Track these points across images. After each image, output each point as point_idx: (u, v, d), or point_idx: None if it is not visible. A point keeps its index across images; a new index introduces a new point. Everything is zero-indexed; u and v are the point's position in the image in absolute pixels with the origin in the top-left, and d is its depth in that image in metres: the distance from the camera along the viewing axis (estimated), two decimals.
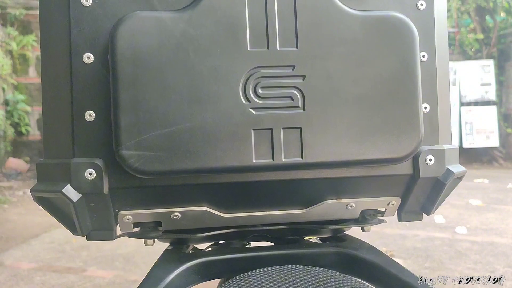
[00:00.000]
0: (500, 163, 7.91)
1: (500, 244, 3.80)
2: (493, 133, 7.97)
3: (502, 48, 8.21)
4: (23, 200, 5.80)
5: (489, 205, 5.13)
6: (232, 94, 0.58)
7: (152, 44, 0.56)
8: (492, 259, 3.40)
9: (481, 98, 8.05)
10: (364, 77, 0.60)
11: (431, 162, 0.65)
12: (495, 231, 4.15)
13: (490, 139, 7.95)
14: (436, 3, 0.66)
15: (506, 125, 8.10)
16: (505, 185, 6.17)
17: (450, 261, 3.31)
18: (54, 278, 3.16)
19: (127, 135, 0.55)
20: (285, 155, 0.59)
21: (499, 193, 5.77)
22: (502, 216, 4.65)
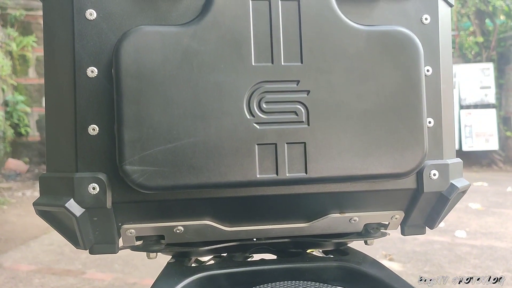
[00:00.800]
0: (499, 166, 7.92)
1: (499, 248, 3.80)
2: (492, 136, 7.97)
3: (501, 51, 8.22)
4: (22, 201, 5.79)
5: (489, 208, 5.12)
6: (236, 109, 0.58)
7: (156, 58, 0.56)
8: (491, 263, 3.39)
9: (481, 101, 8.05)
10: (368, 92, 0.60)
11: (435, 177, 0.65)
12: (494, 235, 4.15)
13: (489, 142, 7.96)
14: (441, 17, 0.66)
15: (505, 128, 8.11)
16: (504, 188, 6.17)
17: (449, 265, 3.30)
18: (53, 281, 3.15)
19: (130, 150, 0.55)
20: (289, 170, 0.59)
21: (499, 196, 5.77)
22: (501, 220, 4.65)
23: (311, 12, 0.60)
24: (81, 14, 0.59)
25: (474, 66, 8.07)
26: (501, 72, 8.19)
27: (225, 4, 0.58)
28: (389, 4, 0.65)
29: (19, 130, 7.31)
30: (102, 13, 0.59)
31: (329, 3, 0.61)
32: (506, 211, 5.00)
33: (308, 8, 0.60)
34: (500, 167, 7.91)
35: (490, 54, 8.18)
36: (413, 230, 0.71)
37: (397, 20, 0.65)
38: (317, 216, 0.67)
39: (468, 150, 7.95)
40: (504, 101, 8.20)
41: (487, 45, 8.22)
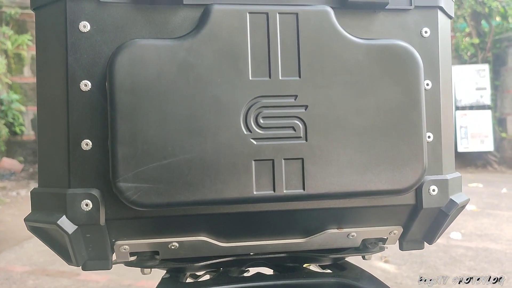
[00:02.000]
0: (494, 167, 7.94)
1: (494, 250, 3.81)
2: (487, 137, 7.99)
3: (497, 52, 8.23)
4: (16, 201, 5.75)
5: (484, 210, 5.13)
6: (233, 124, 0.56)
7: (152, 73, 0.55)
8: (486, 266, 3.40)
9: (476, 103, 8.07)
10: (367, 107, 0.59)
11: (434, 193, 0.64)
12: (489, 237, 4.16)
13: (484, 143, 7.97)
14: (441, 30, 0.65)
15: (500, 129, 8.13)
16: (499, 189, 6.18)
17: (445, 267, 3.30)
18: (47, 282, 3.13)
19: (124, 167, 0.54)
20: (287, 186, 0.58)
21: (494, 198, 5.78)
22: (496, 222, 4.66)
23: (310, 26, 0.59)
24: (74, 26, 0.57)
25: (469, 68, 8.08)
26: (496, 74, 8.21)
27: (222, 16, 0.57)
28: (388, 17, 0.64)
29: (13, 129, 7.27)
30: (96, 26, 0.58)
31: (328, 16, 0.59)
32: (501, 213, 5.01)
33: (307, 21, 0.59)
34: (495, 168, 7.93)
35: (485, 55, 8.20)
36: (412, 245, 0.70)
37: (397, 33, 0.64)
38: (314, 231, 0.66)
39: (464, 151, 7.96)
40: (500, 103, 8.23)
41: (483, 46, 8.23)
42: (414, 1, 0.64)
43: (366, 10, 0.63)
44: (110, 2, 0.58)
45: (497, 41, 8.21)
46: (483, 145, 7.98)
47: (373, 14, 0.63)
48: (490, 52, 8.20)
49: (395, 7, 0.63)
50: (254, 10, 0.58)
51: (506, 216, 4.86)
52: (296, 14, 0.59)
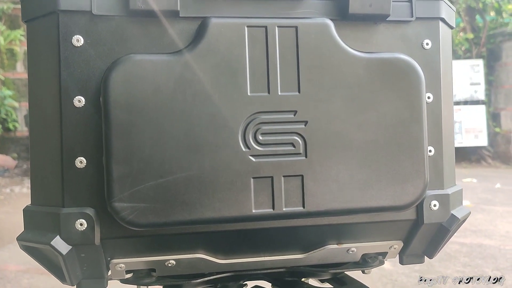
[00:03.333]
0: (488, 162, 7.97)
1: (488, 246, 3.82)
2: (481, 132, 8.01)
3: (491, 47, 8.24)
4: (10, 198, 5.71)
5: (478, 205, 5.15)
6: (231, 141, 0.55)
7: (147, 89, 0.54)
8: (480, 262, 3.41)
9: (470, 98, 8.08)
10: (368, 122, 0.58)
11: (435, 208, 0.63)
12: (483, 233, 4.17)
13: (478, 138, 8.00)
14: (442, 41, 0.64)
15: (494, 124, 8.15)
16: (493, 185, 6.21)
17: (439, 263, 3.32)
18: (41, 281, 3.12)
19: (120, 186, 0.53)
20: (286, 204, 0.57)
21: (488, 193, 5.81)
22: (490, 217, 4.68)
23: (310, 39, 0.58)
24: (67, 40, 0.56)
25: (464, 63, 8.09)
26: (490, 69, 8.22)
27: (219, 30, 0.56)
28: (389, 29, 0.63)
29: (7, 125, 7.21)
30: (90, 40, 0.56)
31: (328, 29, 0.58)
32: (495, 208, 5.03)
33: (307, 34, 0.57)
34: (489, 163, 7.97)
35: (480, 50, 8.20)
36: (412, 259, 0.69)
37: (398, 45, 0.62)
38: (314, 247, 0.65)
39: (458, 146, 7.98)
40: (494, 98, 8.25)
41: (477, 41, 8.24)
42: (415, 12, 0.63)
43: (367, 22, 0.62)
44: (104, 15, 0.56)
45: (491, 36, 8.22)
46: (477, 140, 8.01)
47: (373, 26, 0.62)
48: (485, 47, 8.21)
49: (396, 19, 0.62)
50: (252, 23, 0.56)
51: (500, 212, 4.88)
52: (295, 27, 0.57)
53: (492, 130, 8.13)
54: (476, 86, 8.09)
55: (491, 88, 8.24)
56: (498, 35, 8.12)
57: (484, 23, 8.20)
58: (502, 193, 5.74)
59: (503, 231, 4.20)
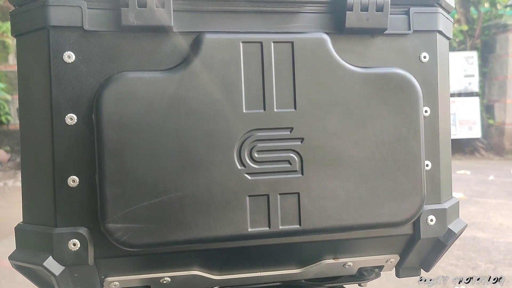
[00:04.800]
0: (481, 154, 8.01)
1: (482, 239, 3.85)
2: (475, 124, 8.05)
3: (486, 39, 8.25)
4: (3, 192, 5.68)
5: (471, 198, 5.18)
6: (226, 159, 0.54)
7: (141, 107, 0.53)
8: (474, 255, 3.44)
9: (465, 90, 8.10)
10: (365, 138, 0.57)
11: (432, 223, 0.63)
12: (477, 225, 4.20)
13: (472, 130, 8.03)
14: (439, 54, 0.64)
15: (488, 116, 8.19)
16: (486, 177, 6.24)
17: None
18: None
19: (113, 207, 0.52)
20: (282, 222, 0.56)
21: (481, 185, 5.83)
22: (484, 210, 4.70)
23: (306, 55, 0.57)
24: (58, 56, 0.54)
25: (458, 55, 8.09)
26: (484, 61, 8.24)
27: (214, 46, 0.55)
28: (386, 42, 0.62)
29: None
30: (82, 56, 0.55)
31: (325, 44, 0.57)
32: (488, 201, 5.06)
33: (303, 50, 0.57)
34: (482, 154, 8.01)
35: (474, 42, 8.21)
36: (408, 272, 0.69)
37: (395, 59, 0.62)
38: (310, 262, 0.64)
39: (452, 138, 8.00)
40: (487, 89, 8.27)
41: (472, 33, 8.24)
42: (412, 25, 0.62)
43: (364, 35, 0.61)
44: (96, 30, 0.55)
45: (486, 28, 8.22)
46: (471, 132, 8.04)
47: (370, 39, 0.61)
48: (479, 39, 8.21)
49: (394, 32, 0.61)
50: (247, 39, 0.55)
51: (493, 204, 4.91)
52: (291, 42, 0.56)
53: (485, 122, 8.16)
54: (470, 78, 8.10)
55: (485, 80, 8.26)
56: (493, 27, 8.12)
57: (478, 15, 8.20)
58: (495, 185, 5.77)
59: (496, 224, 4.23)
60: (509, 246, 3.62)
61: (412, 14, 0.62)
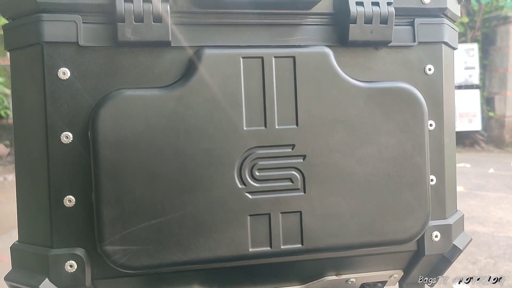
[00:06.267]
0: (481, 146, 8.00)
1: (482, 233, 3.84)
2: (475, 116, 8.03)
3: (486, 32, 8.20)
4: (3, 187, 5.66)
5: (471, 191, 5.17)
6: (226, 178, 0.53)
7: (138, 126, 0.51)
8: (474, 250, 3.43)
9: (465, 82, 8.07)
10: (369, 155, 0.56)
11: (436, 239, 0.62)
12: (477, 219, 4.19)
13: (472, 122, 8.02)
14: (445, 66, 0.62)
15: (488, 108, 8.16)
16: (486, 170, 6.23)
17: None
18: None
19: (111, 229, 0.51)
20: (284, 241, 0.55)
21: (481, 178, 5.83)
22: (483, 203, 4.70)
23: (308, 69, 0.55)
24: (53, 73, 0.53)
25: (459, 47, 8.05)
26: (485, 53, 8.20)
27: (213, 62, 0.53)
28: (390, 54, 0.60)
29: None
30: (77, 72, 0.53)
31: (327, 58, 0.56)
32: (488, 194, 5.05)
33: (305, 65, 0.55)
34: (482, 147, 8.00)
35: (475, 34, 8.16)
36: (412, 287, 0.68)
37: (399, 71, 0.60)
38: (312, 279, 0.63)
39: None
40: (488, 82, 8.24)
41: (472, 25, 8.20)
42: (417, 37, 0.60)
43: (367, 48, 0.59)
44: (92, 46, 0.53)
45: (486, 20, 8.17)
46: (471, 125, 8.02)
47: (374, 52, 0.60)
48: (479, 31, 8.16)
49: (398, 44, 0.60)
50: (248, 54, 0.54)
51: (493, 198, 4.90)
52: (293, 57, 0.55)
53: (486, 114, 8.14)
54: (471, 71, 8.07)
55: (486, 73, 8.23)
56: (493, 19, 8.07)
57: (479, 7, 8.15)
58: (495, 179, 5.77)
59: (496, 218, 4.22)
60: (509, 240, 3.62)
61: (417, 25, 0.60)
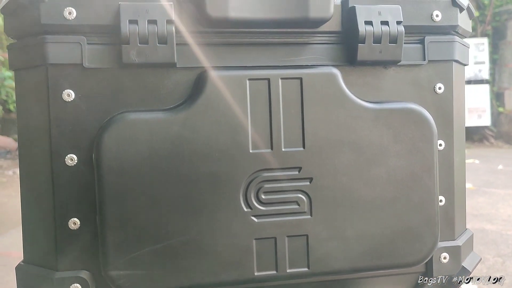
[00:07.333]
0: (491, 142, 7.94)
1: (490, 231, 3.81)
2: (485, 112, 7.96)
3: (496, 26, 8.11)
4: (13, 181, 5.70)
5: (480, 188, 5.13)
6: (232, 202, 0.53)
7: (143, 150, 0.51)
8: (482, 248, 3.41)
9: (474, 77, 7.99)
10: (377, 177, 0.55)
11: (445, 260, 0.61)
12: (485, 217, 4.16)
13: (482, 118, 7.95)
14: (455, 84, 0.61)
15: (498, 104, 8.09)
16: (495, 166, 6.19)
17: None
18: None
19: (115, 253, 0.50)
20: (290, 265, 0.54)
21: (490, 175, 5.78)
22: (492, 200, 4.66)
23: (315, 91, 0.54)
24: (57, 95, 0.52)
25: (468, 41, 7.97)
26: (495, 47, 8.11)
27: (219, 84, 0.52)
28: (400, 73, 0.59)
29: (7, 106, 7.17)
30: (81, 94, 0.53)
31: (335, 79, 0.55)
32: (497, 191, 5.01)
33: (312, 86, 0.54)
34: (491, 142, 7.94)
35: (485, 28, 8.08)
36: None
37: (408, 91, 0.59)
38: None
39: None
40: (498, 77, 8.16)
41: (482, 19, 8.10)
42: (427, 55, 0.59)
43: (376, 67, 0.58)
44: (96, 68, 0.53)
45: (497, 14, 8.07)
46: (481, 120, 7.96)
47: (383, 71, 0.59)
48: (490, 25, 8.07)
49: (407, 63, 0.59)
50: (254, 76, 0.53)
51: (501, 195, 4.87)
52: (300, 78, 0.54)
53: (495, 109, 8.07)
54: (481, 65, 7.98)
55: (496, 67, 8.15)
56: (504, 12, 7.98)
57: (489, 1, 8.05)
58: (504, 175, 5.72)
59: (505, 215, 4.19)
60: None
61: (427, 43, 0.59)
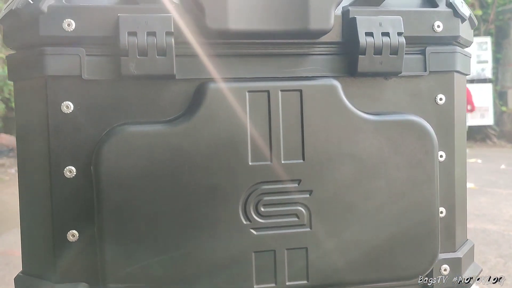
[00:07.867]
0: (493, 141, 7.92)
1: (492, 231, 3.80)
2: (487, 111, 7.93)
3: (500, 25, 8.08)
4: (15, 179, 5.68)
5: (482, 188, 5.12)
6: (231, 214, 0.52)
7: (142, 163, 0.51)
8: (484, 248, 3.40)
9: (477, 76, 7.97)
10: (377, 189, 0.55)
11: (446, 272, 0.61)
12: (487, 217, 4.15)
13: (485, 117, 7.93)
14: (456, 95, 0.60)
15: (501, 103, 8.07)
16: (498, 165, 6.17)
17: None
18: None
19: (114, 267, 0.50)
20: (289, 278, 0.54)
21: (492, 174, 5.77)
22: (494, 200, 4.65)
23: (315, 103, 0.54)
24: (56, 107, 0.52)
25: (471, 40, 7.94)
26: (498, 46, 8.08)
27: (218, 96, 0.52)
28: (400, 84, 0.59)
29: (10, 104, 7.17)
30: (80, 106, 0.53)
31: (335, 91, 0.54)
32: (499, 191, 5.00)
33: (312, 98, 0.54)
34: (494, 142, 7.92)
35: (488, 27, 8.05)
36: None
37: (409, 102, 0.59)
38: None
39: None
40: (501, 76, 8.13)
41: (486, 18, 8.07)
42: (429, 66, 0.59)
43: (376, 78, 0.58)
44: (95, 79, 0.52)
45: (500, 13, 8.04)
46: (484, 119, 7.94)
47: (383, 82, 0.58)
48: (493, 24, 8.04)
49: (408, 74, 0.58)
50: (253, 88, 0.53)
51: (504, 195, 4.85)
52: (300, 90, 0.54)
53: (498, 109, 8.05)
54: (484, 64, 7.96)
55: (499, 66, 8.12)
56: (507, 11, 7.94)
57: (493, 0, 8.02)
58: (507, 175, 5.71)
59: (507, 216, 4.18)
60: None
61: (428, 54, 0.58)
